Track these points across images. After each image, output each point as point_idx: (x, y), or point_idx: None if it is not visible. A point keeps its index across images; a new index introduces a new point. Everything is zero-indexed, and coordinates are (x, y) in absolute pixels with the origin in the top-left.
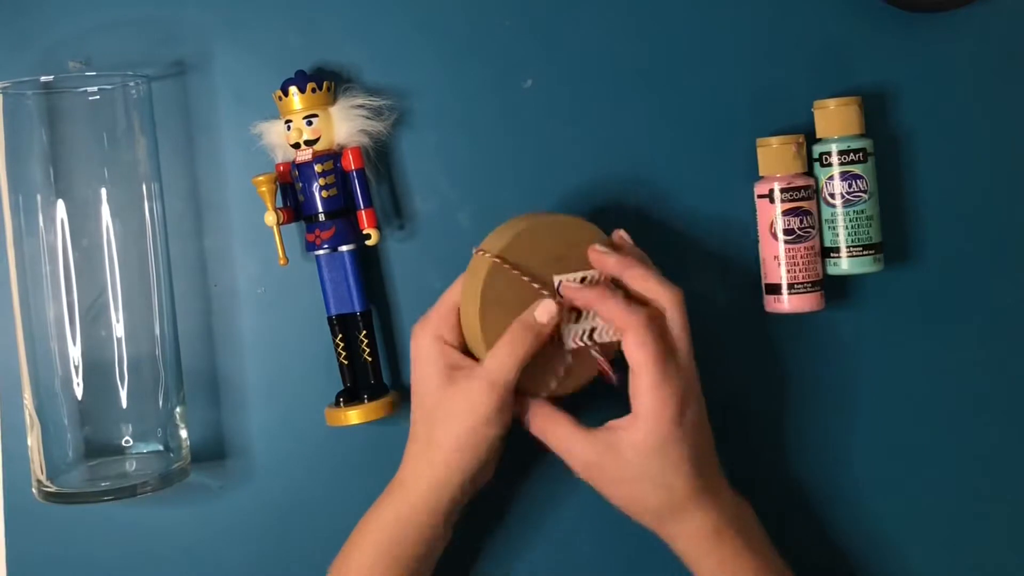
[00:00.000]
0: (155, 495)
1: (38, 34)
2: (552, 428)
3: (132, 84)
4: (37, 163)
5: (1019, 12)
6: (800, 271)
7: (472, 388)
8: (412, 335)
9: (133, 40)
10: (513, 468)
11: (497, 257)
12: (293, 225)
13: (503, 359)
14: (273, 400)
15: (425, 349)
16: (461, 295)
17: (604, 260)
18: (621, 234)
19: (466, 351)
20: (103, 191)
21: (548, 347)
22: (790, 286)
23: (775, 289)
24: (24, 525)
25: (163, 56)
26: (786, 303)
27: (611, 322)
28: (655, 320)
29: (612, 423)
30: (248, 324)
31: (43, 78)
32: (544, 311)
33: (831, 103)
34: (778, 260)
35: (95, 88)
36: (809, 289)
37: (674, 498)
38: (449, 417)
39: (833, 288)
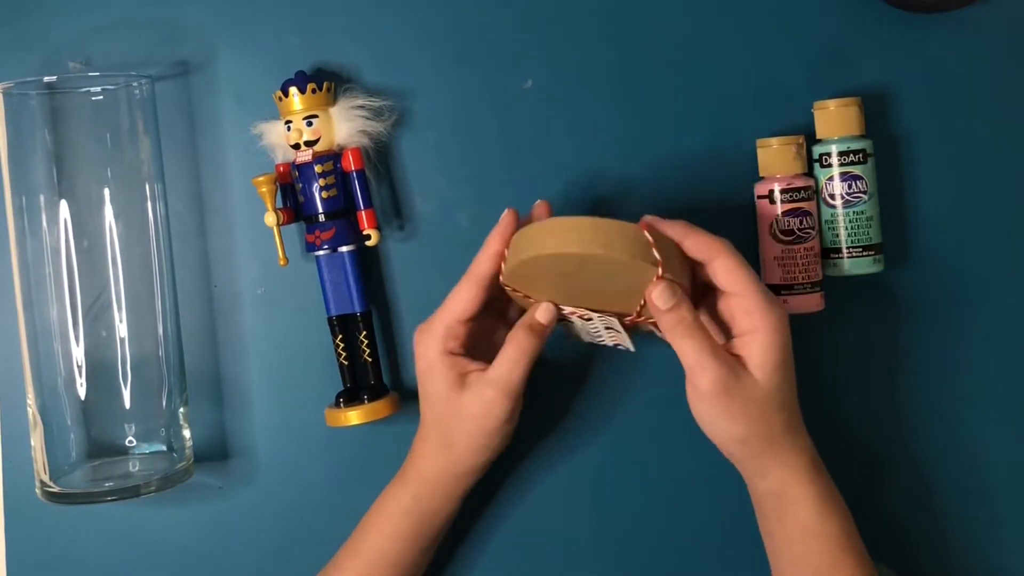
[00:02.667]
0: (157, 495)
1: (40, 35)
2: (690, 340)
3: (135, 84)
4: (40, 163)
5: (1019, 12)
6: (800, 272)
7: (485, 395)
8: (417, 342)
9: (134, 41)
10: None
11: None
12: (293, 225)
13: (510, 365)
14: (275, 401)
15: (433, 360)
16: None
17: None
18: (648, 220)
19: (470, 353)
20: (106, 191)
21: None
22: (790, 287)
23: (775, 289)
24: (24, 525)
25: (164, 57)
26: (786, 303)
27: (699, 251)
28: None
29: (731, 344)
30: (249, 325)
31: (46, 78)
32: (544, 313)
33: (831, 104)
34: (778, 261)
35: (98, 88)
36: (809, 290)
37: (792, 419)
38: (464, 421)
39: (833, 288)
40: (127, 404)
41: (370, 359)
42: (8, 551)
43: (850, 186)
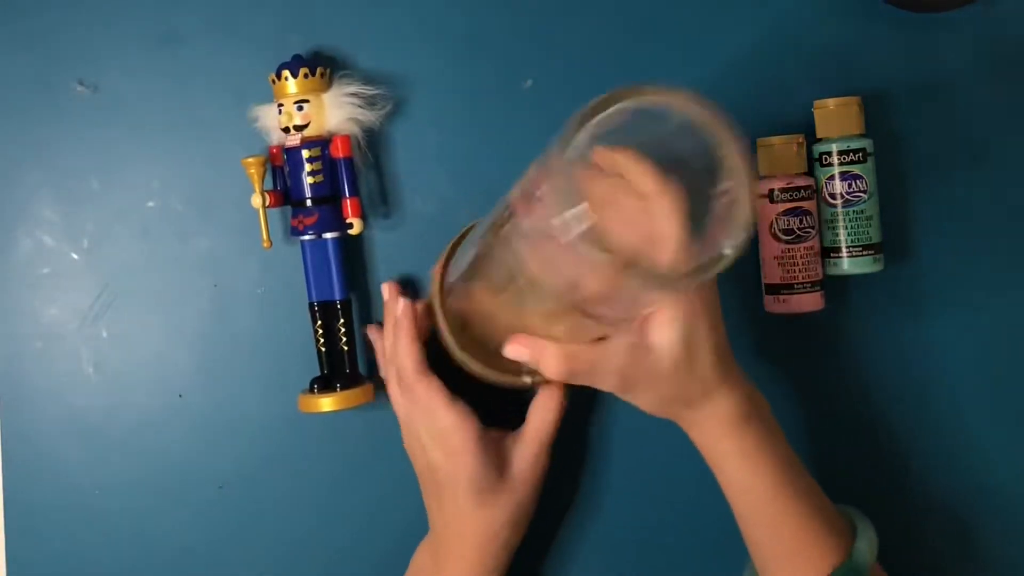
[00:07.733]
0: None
1: (40, 34)
2: (576, 356)
3: (133, 79)
4: (37, 160)
5: (1019, 12)
6: (800, 271)
7: (540, 457)
8: (435, 405)
9: (132, 35)
10: None
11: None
12: (287, 210)
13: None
14: (275, 400)
15: (467, 442)
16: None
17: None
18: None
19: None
20: (103, 188)
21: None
22: (790, 286)
23: (775, 289)
24: (24, 525)
25: (163, 53)
26: (786, 303)
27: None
28: None
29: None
30: (249, 323)
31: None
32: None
33: (831, 103)
34: (778, 260)
35: (95, 82)
36: (809, 289)
37: (706, 383)
38: (525, 493)
39: (833, 288)
40: None
41: (346, 347)
42: (8, 551)
43: (850, 185)
